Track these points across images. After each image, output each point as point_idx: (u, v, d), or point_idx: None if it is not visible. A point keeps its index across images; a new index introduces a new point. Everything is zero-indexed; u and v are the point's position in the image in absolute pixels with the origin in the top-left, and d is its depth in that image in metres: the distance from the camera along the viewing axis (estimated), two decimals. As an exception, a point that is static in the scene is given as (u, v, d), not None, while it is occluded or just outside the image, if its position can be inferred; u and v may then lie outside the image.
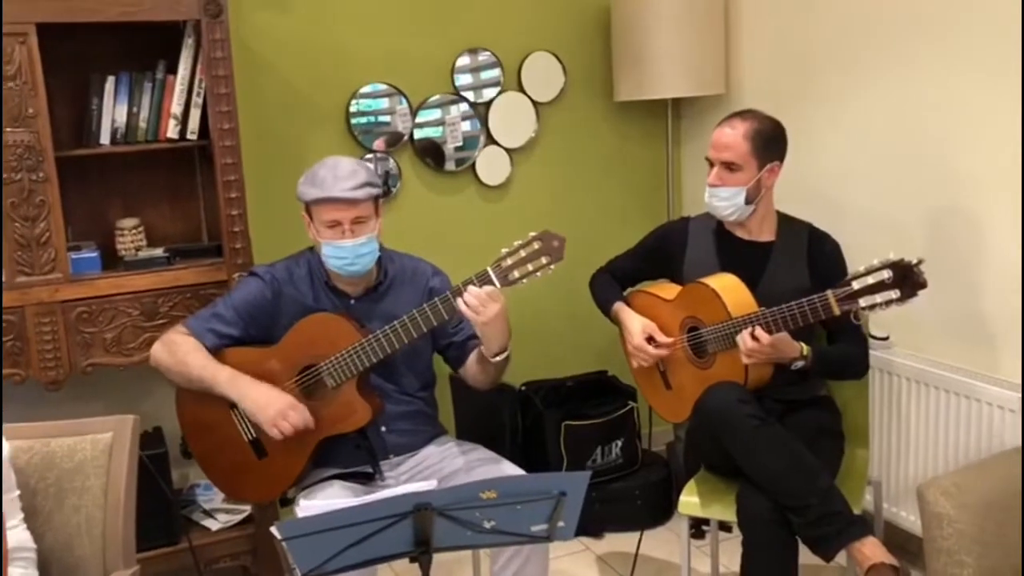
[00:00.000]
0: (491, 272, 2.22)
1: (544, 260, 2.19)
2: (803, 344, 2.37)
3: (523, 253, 2.20)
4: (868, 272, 2.14)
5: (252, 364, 2.40)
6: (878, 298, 2.12)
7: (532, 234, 2.21)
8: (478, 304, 2.21)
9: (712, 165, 2.48)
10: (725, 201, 2.47)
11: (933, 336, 2.80)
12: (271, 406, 2.30)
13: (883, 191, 2.92)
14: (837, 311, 2.19)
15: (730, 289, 2.42)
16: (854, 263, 2.50)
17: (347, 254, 2.36)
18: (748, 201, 2.46)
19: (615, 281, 2.78)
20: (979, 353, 2.68)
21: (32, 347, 2.62)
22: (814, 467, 2.25)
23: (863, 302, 2.14)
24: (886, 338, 2.89)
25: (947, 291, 2.66)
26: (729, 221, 2.54)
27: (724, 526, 3.11)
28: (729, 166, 2.44)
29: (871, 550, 2.15)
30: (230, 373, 2.36)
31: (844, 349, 2.47)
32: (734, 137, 2.44)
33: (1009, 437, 2.50)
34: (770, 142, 2.46)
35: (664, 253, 2.70)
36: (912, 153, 2.81)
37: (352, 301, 2.47)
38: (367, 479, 2.42)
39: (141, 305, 2.73)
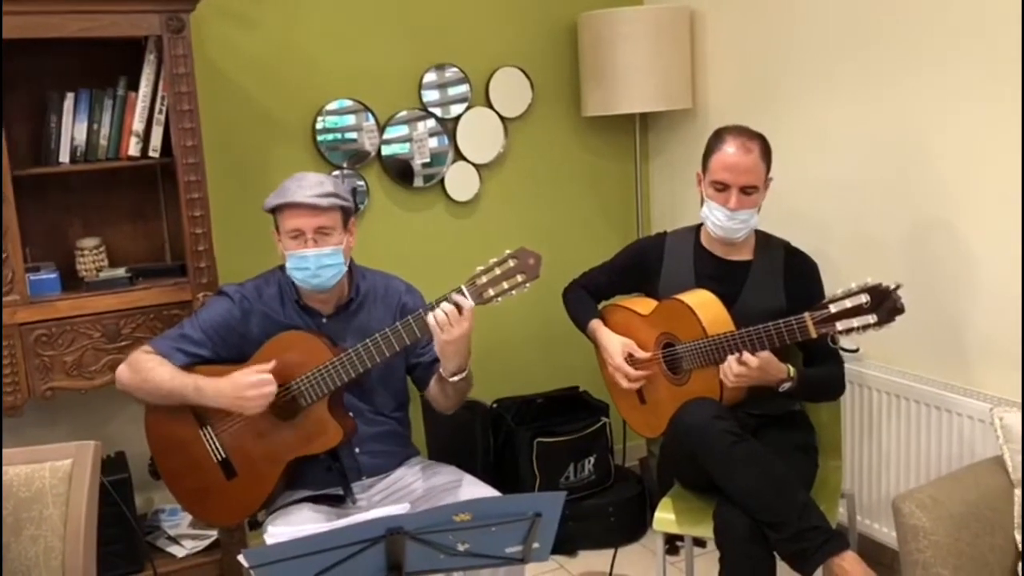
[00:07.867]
0: (465, 290, 2.19)
1: (519, 278, 2.16)
2: (789, 365, 2.35)
3: (498, 271, 2.17)
4: (846, 296, 2.12)
5: None
6: (855, 322, 2.10)
7: (508, 252, 2.17)
8: (447, 320, 2.17)
9: (723, 188, 2.41)
10: (743, 224, 2.43)
11: (906, 348, 2.80)
12: (231, 391, 2.25)
13: (852, 205, 2.92)
14: (814, 334, 2.17)
15: (706, 306, 2.41)
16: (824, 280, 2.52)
17: (310, 264, 2.31)
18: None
19: (589, 296, 2.76)
20: (952, 365, 2.69)
21: (-11, 371, 2.55)
22: (791, 482, 2.24)
23: (840, 325, 2.12)
24: (856, 350, 2.89)
25: (921, 304, 2.66)
26: (737, 240, 2.49)
27: (699, 541, 3.09)
28: (748, 189, 2.40)
29: (851, 565, 2.15)
30: (195, 381, 2.31)
31: (825, 371, 2.46)
32: (754, 161, 2.39)
33: (981, 448, 2.50)
34: (770, 157, 2.45)
35: (640, 268, 2.67)
36: (882, 167, 2.81)
37: (324, 319, 2.43)
38: (338, 502, 2.38)
39: (102, 327, 2.67)
